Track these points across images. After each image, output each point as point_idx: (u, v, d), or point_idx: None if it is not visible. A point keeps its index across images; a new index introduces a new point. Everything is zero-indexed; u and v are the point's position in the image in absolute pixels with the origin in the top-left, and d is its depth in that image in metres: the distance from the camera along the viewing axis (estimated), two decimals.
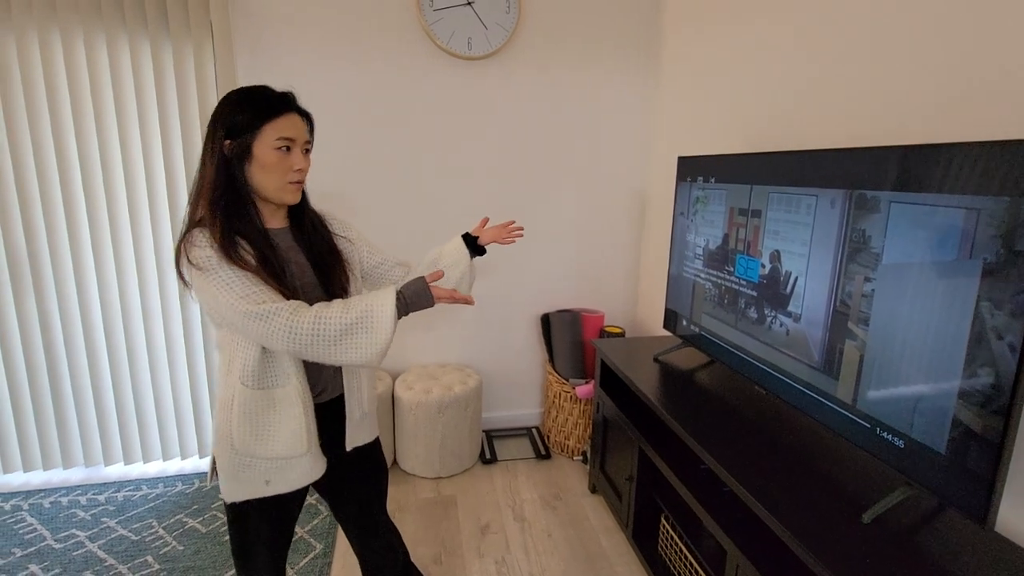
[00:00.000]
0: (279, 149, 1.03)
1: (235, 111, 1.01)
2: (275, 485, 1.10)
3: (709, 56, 2.12)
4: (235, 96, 1.04)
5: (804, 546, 1.02)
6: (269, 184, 1.05)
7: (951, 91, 1.18)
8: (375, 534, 1.32)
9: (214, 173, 1.02)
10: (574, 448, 2.53)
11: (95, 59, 2.03)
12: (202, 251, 0.99)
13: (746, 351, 1.56)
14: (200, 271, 0.98)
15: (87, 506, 2.14)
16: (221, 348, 1.11)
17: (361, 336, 0.98)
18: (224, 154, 1.01)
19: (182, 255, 1.01)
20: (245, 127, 1.01)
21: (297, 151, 1.06)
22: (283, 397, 1.07)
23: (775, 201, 1.43)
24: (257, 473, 1.09)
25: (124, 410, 2.33)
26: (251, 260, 1.01)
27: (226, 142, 1.01)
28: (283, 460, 1.09)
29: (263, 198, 1.07)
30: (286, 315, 0.96)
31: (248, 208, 1.04)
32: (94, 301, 2.21)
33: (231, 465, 1.09)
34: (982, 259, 0.91)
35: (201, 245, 0.99)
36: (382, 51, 2.29)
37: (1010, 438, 0.88)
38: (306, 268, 1.13)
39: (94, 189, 2.12)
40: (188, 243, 1.00)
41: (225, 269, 0.98)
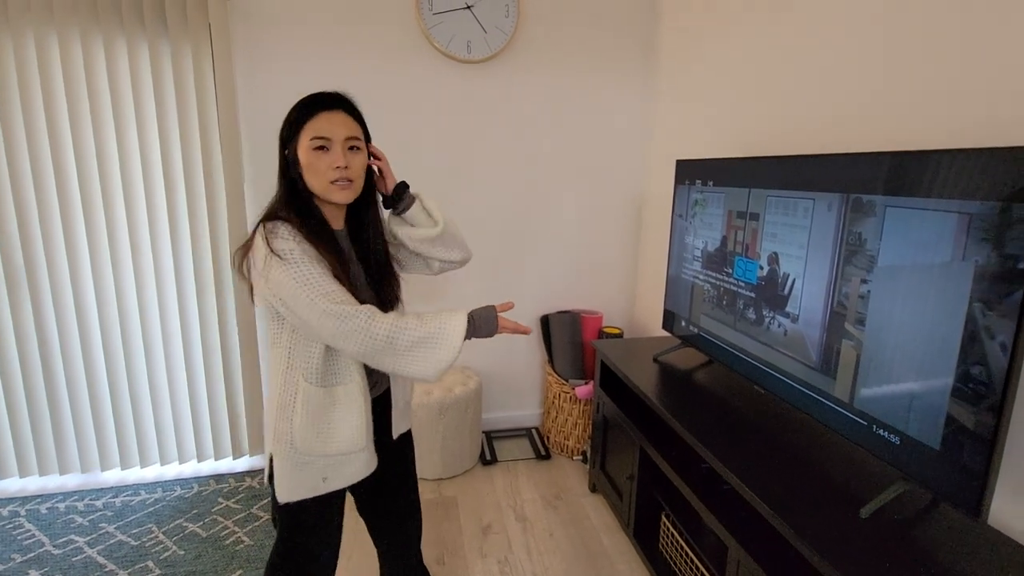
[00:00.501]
0: (316, 149, 1.05)
1: (285, 122, 1.08)
2: (332, 481, 1.13)
3: (706, 61, 2.15)
4: (291, 112, 1.09)
5: (805, 541, 1.05)
6: (316, 185, 1.08)
7: (945, 97, 1.22)
8: (410, 516, 1.38)
9: (280, 182, 1.10)
10: (574, 448, 2.56)
11: (92, 61, 2.03)
12: (286, 243, 1.01)
13: (745, 351, 1.59)
14: (282, 261, 0.99)
15: (85, 511, 2.13)
16: (278, 345, 1.12)
17: (429, 351, 1.01)
18: (284, 163, 1.09)
19: (259, 244, 1.02)
20: (290, 135, 1.07)
21: (337, 149, 1.06)
22: (345, 395, 1.10)
23: (773, 204, 1.46)
24: (315, 471, 1.11)
25: (121, 415, 2.32)
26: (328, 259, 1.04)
27: (285, 152, 1.08)
28: (342, 456, 1.12)
29: (320, 200, 1.11)
30: (364, 318, 0.99)
31: (314, 211, 1.09)
32: (91, 304, 2.20)
33: (290, 464, 1.10)
34: (974, 261, 0.95)
35: (285, 237, 1.01)
36: (381, 54, 2.30)
37: (1002, 434, 0.92)
38: (359, 268, 1.17)
39: (91, 192, 2.12)
40: (271, 233, 1.01)
41: (307, 264, 1.00)
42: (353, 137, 1.08)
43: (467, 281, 2.59)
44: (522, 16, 2.37)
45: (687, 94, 2.29)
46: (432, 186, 2.45)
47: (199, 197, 2.21)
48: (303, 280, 0.99)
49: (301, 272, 0.99)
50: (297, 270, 0.99)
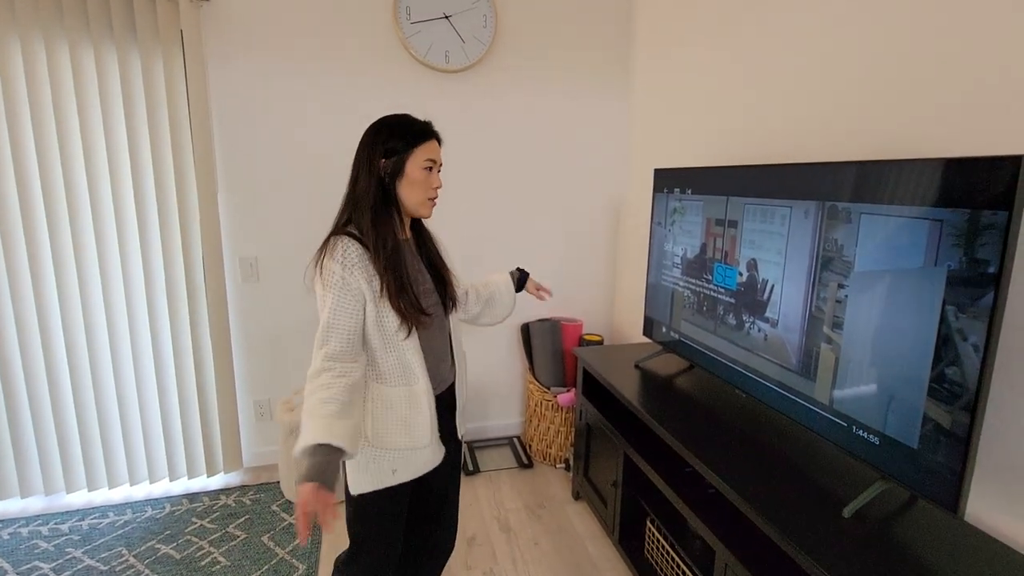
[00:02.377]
0: (425, 168, 1.20)
1: (393, 134, 1.18)
2: (400, 474, 1.22)
3: (682, 70, 2.20)
4: (391, 121, 1.20)
5: (791, 542, 1.07)
6: (413, 198, 1.21)
7: (918, 107, 1.27)
8: (444, 526, 1.42)
9: (371, 185, 1.17)
10: (556, 456, 2.55)
11: (58, 68, 1.96)
12: (332, 263, 1.12)
13: (725, 356, 1.62)
14: (321, 281, 1.13)
15: (50, 536, 2.03)
16: None
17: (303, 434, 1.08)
18: (380, 171, 1.17)
19: (323, 256, 1.14)
20: (401, 148, 1.18)
21: (436, 171, 1.24)
22: (413, 394, 1.20)
23: (751, 212, 1.49)
24: (385, 464, 1.21)
25: (87, 433, 2.22)
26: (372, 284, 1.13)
27: (383, 161, 1.17)
28: (410, 451, 1.22)
29: (402, 212, 1.23)
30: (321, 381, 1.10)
31: (393, 216, 1.19)
32: (55, 317, 2.11)
33: (362, 457, 1.20)
34: (947, 266, 0.98)
35: (334, 256, 1.12)
36: (359, 62, 2.29)
37: (976, 432, 0.95)
38: (425, 275, 1.28)
39: (56, 203, 2.04)
40: (331, 248, 1.14)
41: (339, 294, 1.12)
42: (440, 163, 1.26)
43: None
44: (500, 26, 2.39)
45: (664, 103, 2.34)
46: None
47: (171, 208, 2.15)
48: (327, 308, 1.12)
49: (329, 299, 1.12)
50: (329, 294, 1.12)
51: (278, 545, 1.98)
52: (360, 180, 1.18)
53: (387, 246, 1.15)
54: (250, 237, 2.32)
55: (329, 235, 1.17)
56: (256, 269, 2.34)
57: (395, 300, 1.14)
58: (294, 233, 2.34)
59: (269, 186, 2.28)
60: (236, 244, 2.31)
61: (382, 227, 1.16)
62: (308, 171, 2.31)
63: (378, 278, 1.13)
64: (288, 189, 2.30)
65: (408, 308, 1.15)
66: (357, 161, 1.20)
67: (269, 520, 2.12)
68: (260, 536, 2.03)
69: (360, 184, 1.18)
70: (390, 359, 1.18)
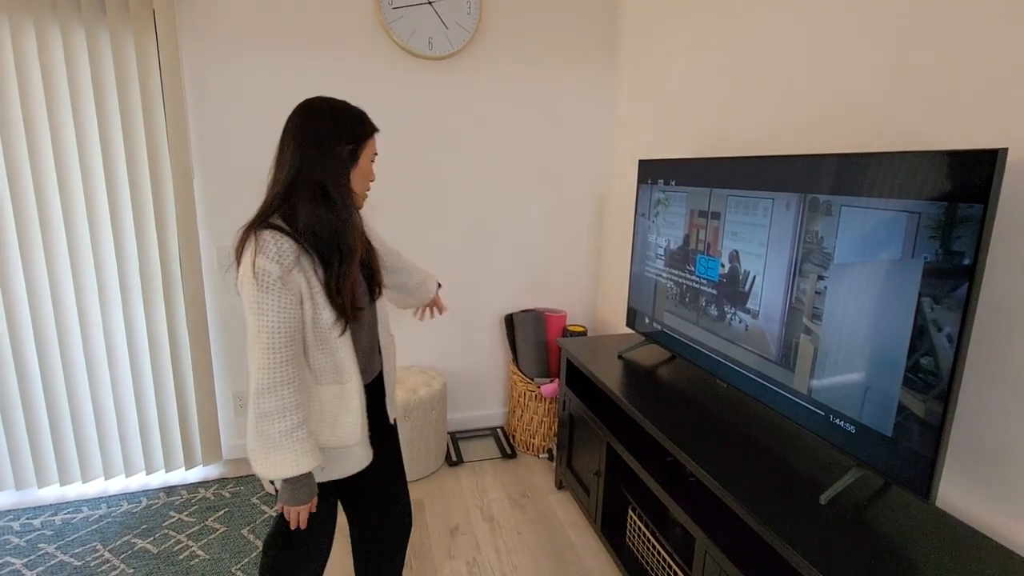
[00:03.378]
0: (372, 161, 1.20)
1: (353, 122, 1.14)
2: (330, 472, 1.20)
3: (667, 61, 2.20)
4: (346, 108, 1.16)
5: (769, 528, 1.09)
6: (358, 188, 1.18)
7: (899, 101, 1.28)
8: (394, 514, 1.40)
9: (333, 170, 1.10)
10: (539, 446, 2.57)
11: (22, 49, 1.88)
12: (267, 262, 1.02)
13: (707, 346, 1.64)
14: (256, 283, 1.02)
15: (21, 531, 1.98)
16: None
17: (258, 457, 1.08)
18: (341, 157, 1.11)
19: (248, 251, 1.04)
20: (358, 137, 1.14)
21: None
22: (345, 392, 1.17)
23: (734, 204, 1.50)
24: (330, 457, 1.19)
25: (59, 426, 2.17)
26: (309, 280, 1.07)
27: (344, 148, 1.11)
28: (338, 449, 1.19)
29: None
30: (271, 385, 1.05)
31: (350, 203, 1.13)
32: (23, 307, 2.04)
33: None
34: (923, 258, 1.00)
35: (268, 254, 1.02)
36: (338, 47, 2.24)
37: (949, 421, 0.98)
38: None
39: (23, 192, 1.96)
40: (259, 244, 1.04)
41: (278, 296, 1.03)
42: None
43: None
44: (484, 13, 2.36)
45: (648, 94, 2.34)
46: (393, 185, 2.42)
47: (145, 196, 2.08)
48: (274, 313, 1.04)
49: (269, 306, 1.03)
50: (268, 300, 1.03)
51: (258, 538, 1.96)
52: (316, 167, 1.08)
53: (343, 235, 1.09)
54: (228, 225, 2.26)
55: (250, 228, 1.07)
56: (234, 258, 2.29)
57: (336, 298, 1.09)
58: None
59: (246, 172, 2.23)
60: (213, 233, 2.26)
61: (344, 215, 1.09)
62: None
63: (315, 275, 1.07)
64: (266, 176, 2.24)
65: (347, 304, 1.11)
66: (303, 146, 1.08)
67: (249, 513, 2.10)
68: (240, 529, 2.01)
69: (317, 171, 1.08)
70: (322, 357, 1.13)
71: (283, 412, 1.05)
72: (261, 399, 1.04)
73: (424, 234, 2.51)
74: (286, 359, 1.05)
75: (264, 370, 1.04)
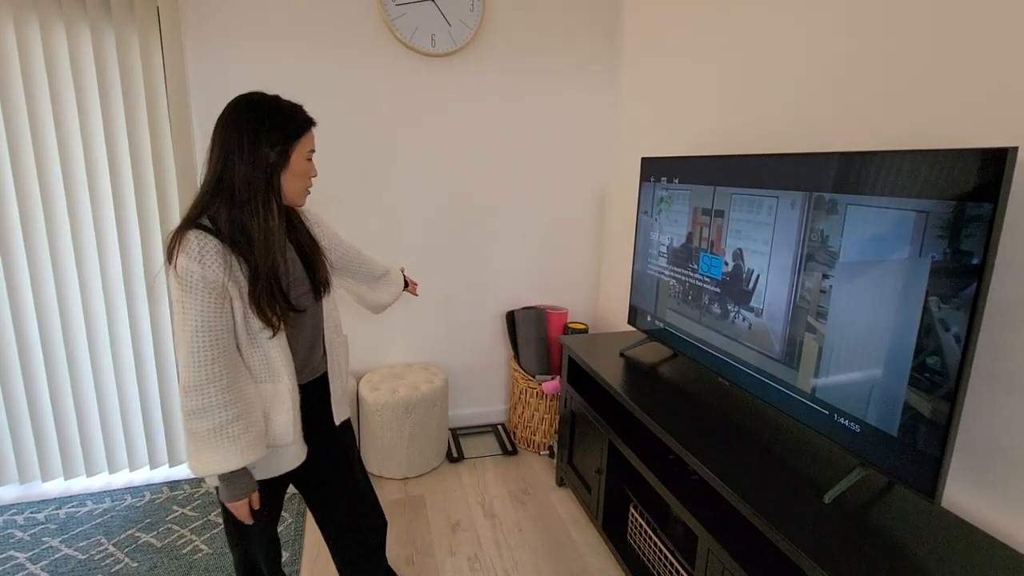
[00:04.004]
0: (308, 160, 1.14)
1: (278, 122, 1.07)
2: (261, 471, 1.18)
3: (671, 59, 2.19)
4: (272, 106, 1.09)
5: (773, 527, 1.09)
6: (295, 189, 1.14)
7: (907, 99, 1.27)
8: (362, 512, 1.39)
9: (252, 173, 1.05)
10: (540, 443, 2.57)
11: (27, 47, 1.88)
12: (189, 262, 1.01)
13: (710, 345, 1.63)
14: (179, 283, 1.02)
15: (25, 525, 1.99)
16: None
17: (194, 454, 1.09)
18: (264, 160, 1.06)
19: (174, 251, 1.03)
20: (288, 137, 1.09)
21: (313, 161, 1.18)
22: (277, 392, 1.15)
23: (737, 202, 1.50)
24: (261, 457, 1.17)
25: (64, 420, 2.17)
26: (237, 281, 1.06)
27: (266, 150, 1.06)
28: (271, 449, 1.17)
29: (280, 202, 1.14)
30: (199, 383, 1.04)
31: (273, 208, 1.09)
32: (28, 301, 2.05)
33: None
34: (930, 257, 0.99)
35: (190, 254, 1.01)
36: (342, 44, 2.23)
37: (955, 421, 0.97)
38: (296, 262, 1.21)
39: (28, 189, 1.97)
40: (182, 244, 1.02)
41: (201, 295, 1.02)
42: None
43: (432, 278, 2.55)
44: (487, 11, 2.35)
45: (652, 91, 2.33)
46: (394, 181, 2.42)
47: (149, 191, 2.08)
48: (189, 314, 1.03)
49: (191, 305, 1.02)
50: (189, 299, 1.02)
51: None
52: (236, 169, 1.04)
53: (260, 242, 1.05)
54: None
55: (178, 229, 1.04)
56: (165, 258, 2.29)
57: (262, 306, 1.07)
58: None
59: None
60: None
61: (261, 221, 1.05)
62: None
63: (244, 277, 1.05)
64: None
65: (277, 310, 1.09)
66: (226, 146, 1.04)
67: None
68: None
69: (237, 173, 1.04)
70: (255, 355, 1.12)
71: (209, 410, 1.04)
72: (188, 397, 1.03)
73: (425, 231, 2.51)
74: (211, 358, 1.03)
75: (190, 368, 1.03)
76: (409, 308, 2.54)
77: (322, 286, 1.24)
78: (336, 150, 2.30)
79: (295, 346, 1.19)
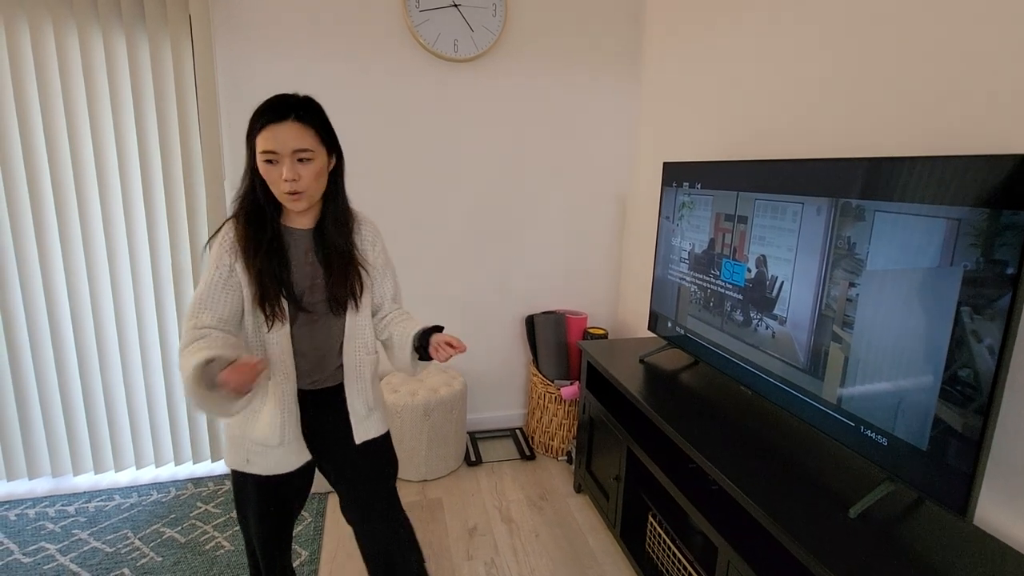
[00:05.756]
0: (266, 163, 1.07)
1: (253, 116, 1.08)
2: (254, 466, 1.22)
3: (692, 62, 2.17)
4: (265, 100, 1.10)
5: (798, 542, 1.06)
6: (275, 192, 1.12)
7: (937, 103, 1.24)
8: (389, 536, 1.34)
9: (243, 176, 1.14)
10: (558, 448, 2.56)
11: (66, 52, 1.95)
12: (216, 244, 1.14)
13: (732, 352, 1.61)
14: (208, 257, 1.16)
15: (56, 518, 2.05)
16: None
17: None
18: (249, 152, 1.11)
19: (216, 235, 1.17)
20: (248, 134, 1.09)
21: (286, 162, 1.06)
22: (263, 389, 1.18)
23: (761, 208, 1.47)
24: (242, 450, 1.22)
25: (95, 416, 2.24)
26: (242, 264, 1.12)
27: (246, 143, 1.10)
28: (261, 446, 1.20)
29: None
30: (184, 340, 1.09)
31: (264, 209, 1.13)
32: (63, 302, 2.12)
33: (228, 436, 1.25)
34: (963, 266, 0.96)
35: (219, 238, 1.14)
36: (366, 50, 2.26)
37: (989, 436, 0.94)
38: (316, 269, 1.18)
39: (64, 188, 2.04)
40: (223, 229, 1.16)
41: (211, 270, 1.13)
42: (302, 149, 1.07)
43: (452, 282, 2.57)
44: (509, 16, 2.36)
45: (673, 95, 2.31)
46: (417, 185, 2.44)
47: (178, 193, 2.14)
48: (202, 280, 1.14)
49: (205, 273, 1.14)
50: (206, 274, 1.14)
51: None
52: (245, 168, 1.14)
53: (254, 240, 1.10)
54: None
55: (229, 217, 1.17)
56: None
57: (256, 300, 1.11)
58: None
59: None
60: None
61: (251, 218, 1.12)
62: None
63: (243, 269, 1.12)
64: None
65: (274, 309, 1.12)
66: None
67: None
68: None
69: (244, 172, 1.14)
70: (256, 344, 1.17)
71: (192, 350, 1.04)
72: (180, 357, 1.08)
73: (447, 235, 2.52)
74: (196, 312, 1.11)
75: (185, 332, 1.10)
76: (429, 311, 2.55)
77: (339, 303, 1.19)
78: (357, 154, 2.33)
79: (301, 349, 1.19)
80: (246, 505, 1.28)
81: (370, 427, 1.30)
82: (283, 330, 1.15)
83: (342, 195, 1.22)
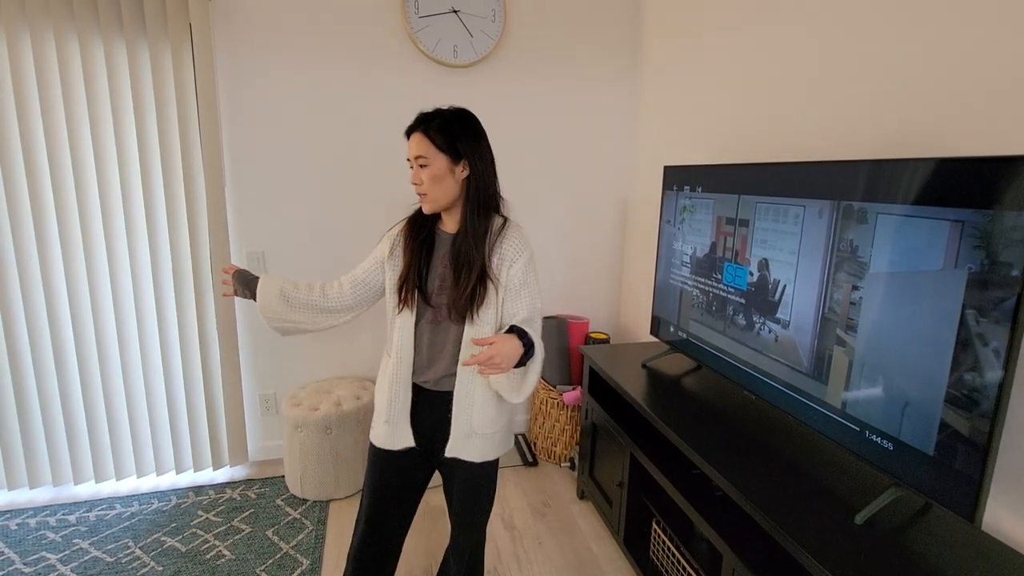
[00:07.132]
0: (410, 169, 1.24)
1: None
2: (372, 432, 1.35)
3: (692, 66, 2.17)
4: None
5: (802, 548, 1.05)
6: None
7: (939, 105, 1.23)
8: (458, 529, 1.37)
9: None
10: (561, 455, 2.54)
11: (67, 60, 1.96)
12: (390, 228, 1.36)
13: (735, 357, 1.60)
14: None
15: (57, 527, 2.04)
16: None
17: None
18: None
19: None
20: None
21: (416, 168, 1.22)
22: (385, 365, 1.33)
23: (763, 211, 1.46)
24: (374, 417, 1.35)
25: (95, 425, 2.24)
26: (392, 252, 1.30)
27: None
28: (377, 419, 1.33)
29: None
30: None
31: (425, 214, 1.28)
32: (64, 310, 2.12)
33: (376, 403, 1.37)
34: (967, 269, 0.95)
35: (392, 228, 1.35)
36: (367, 56, 2.27)
37: (996, 439, 0.93)
38: (448, 272, 1.24)
39: (65, 196, 2.04)
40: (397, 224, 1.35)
41: (375, 248, 1.37)
42: (420, 156, 1.20)
43: None
44: (508, 21, 2.36)
45: (673, 99, 2.31)
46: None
47: (179, 201, 2.14)
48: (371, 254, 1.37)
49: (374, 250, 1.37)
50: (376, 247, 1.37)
51: (282, 539, 1.98)
52: None
53: (411, 235, 1.28)
54: (258, 231, 2.31)
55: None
56: (264, 263, 2.34)
57: (394, 282, 1.28)
58: (302, 227, 2.34)
59: (277, 180, 2.28)
60: (244, 238, 2.31)
61: (416, 219, 1.31)
62: (315, 165, 2.30)
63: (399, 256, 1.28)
64: (295, 183, 2.30)
65: (400, 292, 1.25)
66: None
67: (274, 514, 2.13)
68: (265, 530, 2.03)
69: None
70: (390, 325, 1.31)
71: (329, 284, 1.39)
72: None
73: None
74: (347, 277, 1.37)
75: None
76: None
77: (453, 308, 1.20)
78: (358, 161, 2.33)
79: (421, 343, 1.27)
80: (368, 472, 1.37)
81: (463, 448, 1.27)
82: (408, 317, 1.25)
83: (476, 204, 1.22)
